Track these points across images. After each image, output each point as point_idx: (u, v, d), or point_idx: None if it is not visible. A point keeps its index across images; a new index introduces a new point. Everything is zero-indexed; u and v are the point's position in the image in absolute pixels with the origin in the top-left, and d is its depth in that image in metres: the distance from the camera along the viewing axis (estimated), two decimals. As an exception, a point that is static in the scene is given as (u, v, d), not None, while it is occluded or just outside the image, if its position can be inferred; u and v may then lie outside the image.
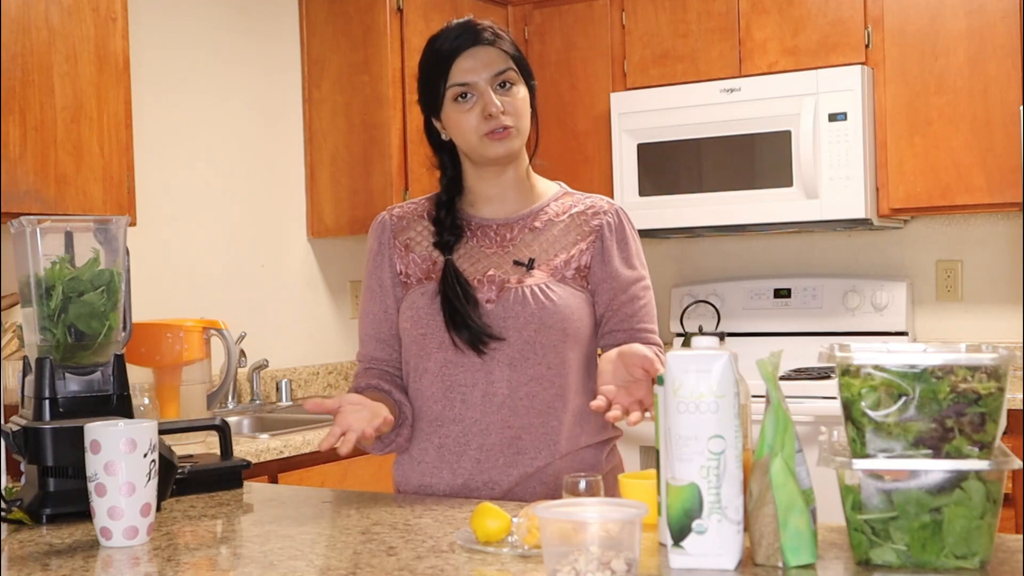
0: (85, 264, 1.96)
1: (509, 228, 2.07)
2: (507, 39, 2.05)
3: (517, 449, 1.99)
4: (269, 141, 3.93)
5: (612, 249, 2.04)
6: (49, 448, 1.86)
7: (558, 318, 1.98)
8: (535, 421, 1.99)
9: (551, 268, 2.02)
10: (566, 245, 2.04)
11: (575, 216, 2.07)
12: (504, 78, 2.01)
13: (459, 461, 2.01)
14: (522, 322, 1.97)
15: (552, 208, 2.08)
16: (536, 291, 1.99)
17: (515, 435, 1.99)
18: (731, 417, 1.40)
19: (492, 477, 2.00)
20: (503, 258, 2.04)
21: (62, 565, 1.58)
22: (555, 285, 2.00)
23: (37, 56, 2.80)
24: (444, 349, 2.00)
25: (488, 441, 1.99)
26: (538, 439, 2.00)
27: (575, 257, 2.03)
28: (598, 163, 4.26)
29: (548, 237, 2.05)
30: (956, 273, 4.04)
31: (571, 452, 2.02)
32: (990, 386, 1.36)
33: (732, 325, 4.27)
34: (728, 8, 4.01)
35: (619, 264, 2.04)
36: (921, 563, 1.38)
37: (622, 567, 1.28)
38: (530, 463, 1.99)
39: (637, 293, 2.05)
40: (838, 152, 3.76)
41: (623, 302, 2.03)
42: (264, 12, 3.92)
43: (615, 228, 2.06)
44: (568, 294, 2.01)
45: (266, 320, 3.86)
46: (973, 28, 3.66)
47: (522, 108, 2.02)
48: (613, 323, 2.04)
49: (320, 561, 1.56)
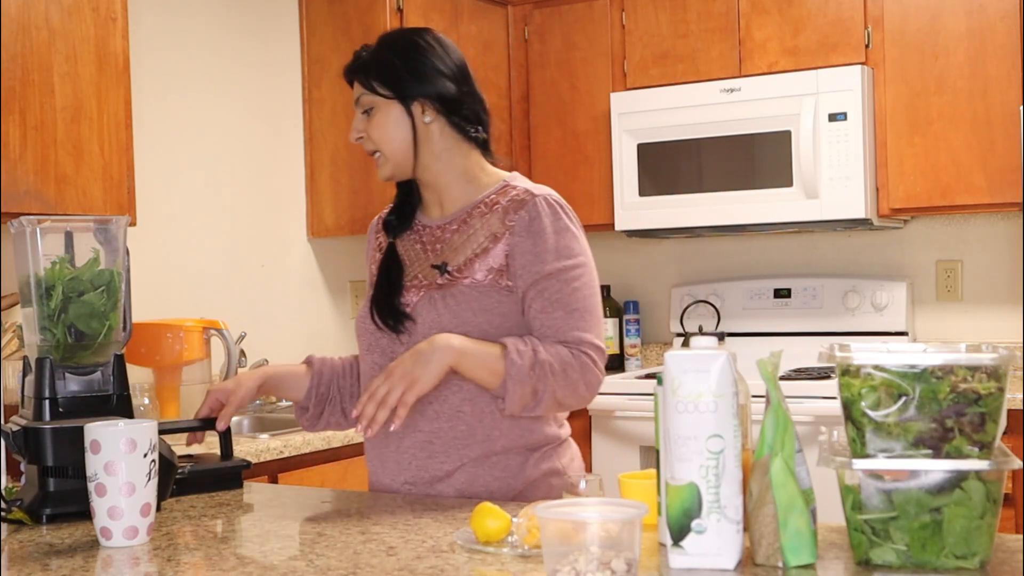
0: (85, 264, 1.96)
1: (442, 230, 2.07)
2: (366, 59, 2.05)
3: (429, 453, 1.99)
4: (269, 141, 3.93)
5: (525, 244, 1.97)
6: (49, 448, 1.86)
7: (459, 321, 1.95)
8: (444, 425, 1.98)
9: (464, 270, 2.00)
10: (483, 244, 2.00)
11: (498, 212, 2.01)
12: (362, 104, 2.05)
13: (387, 460, 2.04)
14: (428, 325, 1.97)
15: (483, 206, 2.04)
16: (445, 295, 1.98)
17: (426, 439, 1.99)
18: (730, 417, 1.40)
19: (408, 478, 2.01)
20: (426, 262, 2.05)
21: (62, 565, 1.58)
22: (463, 290, 1.97)
23: (37, 56, 2.80)
24: (370, 334, 2.06)
25: (404, 443, 2.01)
26: (448, 443, 1.98)
27: (492, 256, 1.98)
28: (598, 163, 4.26)
29: (468, 237, 2.02)
30: (956, 273, 4.04)
31: (484, 457, 1.98)
32: (990, 386, 1.36)
33: (732, 325, 4.27)
34: (728, 8, 4.01)
35: (531, 260, 1.96)
36: (921, 563, 1.38)
37: (622, 567, 1.28)
38: (439, 467, 1.99)
39: (548, 289, 1.95)
40: (838, 152, 3.76)
41: (532, 298, 1.96)
42: (264, 12, 3.92)
43: (529, 222, 1.98)
44: (473, 299, 1.97)
45: (266, 320, 3.86)
46: (973, 28, 3.66)
47: (379, 132, 2.03)
48: (535, 327, 1.97)
49: (320, 561, 1.56)
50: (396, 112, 2.02)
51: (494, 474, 1.99)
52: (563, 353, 1.92)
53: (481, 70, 4.20)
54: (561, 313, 1.95)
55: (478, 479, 1.98)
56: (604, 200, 4.23)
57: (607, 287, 4.54)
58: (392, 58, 2.03)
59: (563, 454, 2.07)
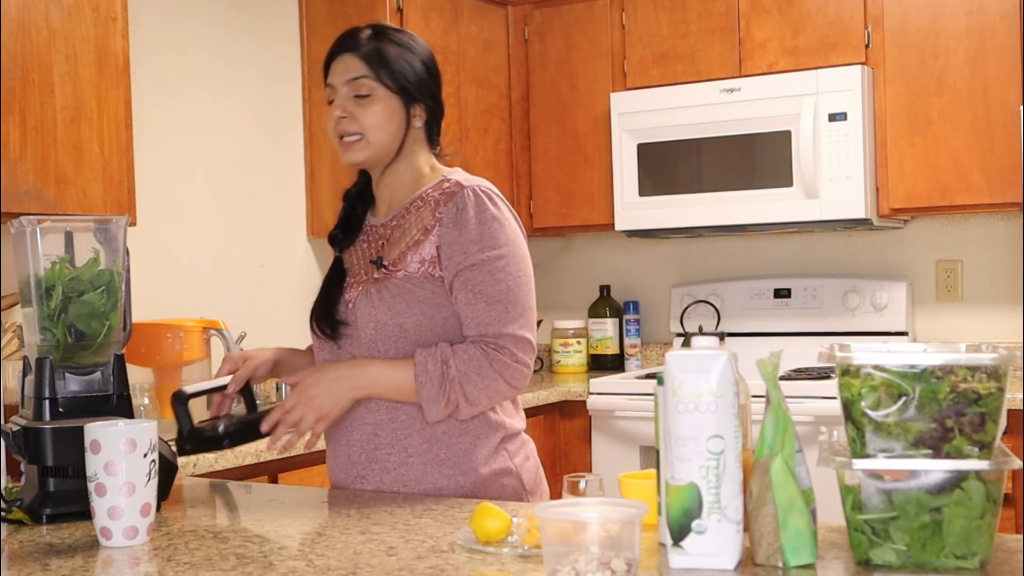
0: (85, 264, 1.96)
1: (384, 227, 2.10)
2: (370, 46, 2.05)
3: (375, 445, 2.02)
4: (269, 141, 3.93)
5: (451, 235, 1.99)
6: (49, 448, 1.86)
7: (393, 314, 1.99)
8: (384, 418, 2.01)
9: (398, 263, 2.03)
10: (415, 237, 2.03)
11: (429, 205, 2.04)
12: (357, 85, 2.04)
13: (338, 455, 2.08)
14: (365, 319, 2.01)
15: (419, 201, 2.07)
16: (380, 289, 2.01)
17: (371, 431, 2.03)
18: (730, 417, 1.40)
19: (359, 472, 2.04)
20: (366, 259, 2.09)
21: (62, 565, 1.58)
22: (396, 283, 2.00)
23: (37, 56, 2.80)
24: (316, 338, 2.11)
25: (352, 436, 2.05)
26: (391, 436, 2.01)
27: (421, 248, 2.01)
28: (598, 163, 4.26)
29: (403, 232, 2.06)
30: (956, 273, 4.04)
31: (428, 451, 2.00)
32: (990, 386, 1.36)
33: (732, 325, 4.27)
34: (728, 8, 4.01)
35: (455, 251, 1.98)
36: (921, 563, 1.38)
37: (622, 567, 1.28)
38: (385, 458, 2.01)
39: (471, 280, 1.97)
40: (838, 152, 3.76)
41: (457, 290, 1.98)
42: (264, 12, 3.92)
43: (456, 214, 1.99)
44: (407, 291, 1.99)
45: (266, 320, 3.86)
46: (973, 28, 3.66)
47: (372, 119, 2.03)
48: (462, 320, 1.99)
49: (320, 561, 1.56)
50: (395, 107, 2.05)
51: (443, 472, 2.00)
52: (475, 356, 1.94)
53: (481, 70, 4.21)
54: (483, 305, 1.97)
55: (426, 477, 2.00)
56: (604, 200, 4.23)
57: (607, 287, 4.54)
58: (413, 60, 2.07)
59: (516, 452, 2.07)
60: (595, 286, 4.59)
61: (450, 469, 2.00)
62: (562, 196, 4.32)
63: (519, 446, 2.08)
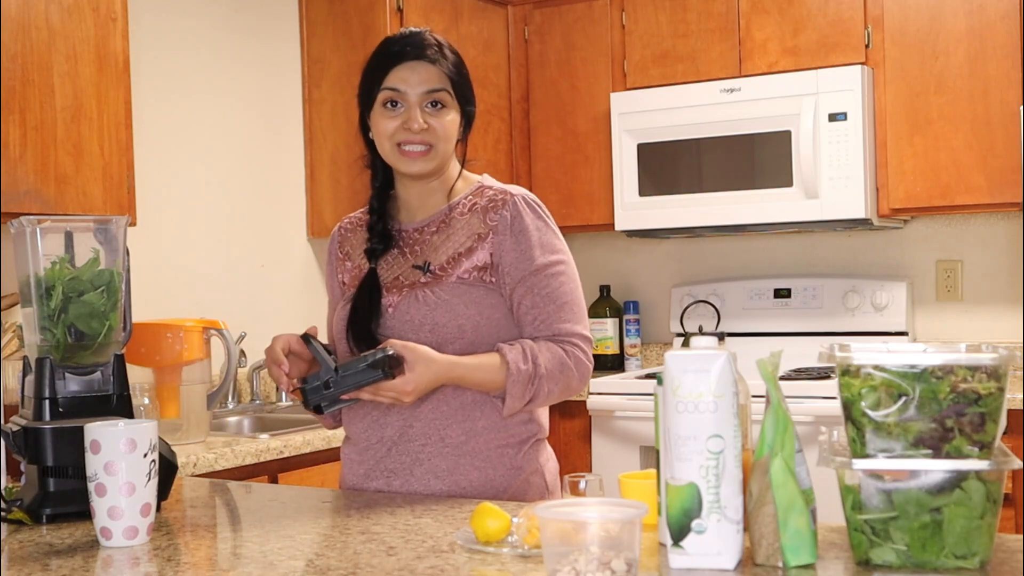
0: (85, 264, 1.96)
1: (420, 232, 2.11)
2: (450, 61, 2.08)
3: (408, 437, 2.03)
4: (269, 141, 3.93)
5: (507, 243, 2.03)
6: (49, 448, 1.86)
7: (453, 314, 2.01)
8: (425, 408, 2.02)
9: (448, 268, 2.04)
10: (465, 243, 2.05)
11: (477, 212, 2.07)
12: (436, 97, 2.06)
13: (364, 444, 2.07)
14: (416, 324, 2.02)
15: (461, 207, 2.10)
16: (428, 293, 2.02)
17: (406, 423, 2.03)
18: (730, 417, 1.40)
19: (384, 465, 2.04)
20: (405, 264, 2.09)
21: (62, 565, 1.58)
22: (450, 286, 2.02)
23: (37, 56, 2.80)
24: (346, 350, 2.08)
25: (386, 434, 2.04)
26: (427, 427, 2.02)
27: (475, 255, 2.04)
28: (598, 163, 4.26)
29: (449, 237, 2.07)
30: (956, 273, 4.04)
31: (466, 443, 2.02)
32: (990, 386, 1.36)
33: (732, 325, 4.27)
34: (728, 8, 4.01)
35: (517, 257, 2.03)
36: (921, 563, 1.38)
37: (622, 567, 1.28)
38: (419, 449, 2.03)
39: (536, 284, 2.02)
40: (838, 152, 3.76)
41: (522, 295, 2.02)
42: (264, 12, 3.92)
43: (511, 221, 2.04)
44: (463, 293, 2.02)
45: (266, 320, 3.86)
46: (973, 28, 3.66)
47: (447, 131, 2.06)
48: (526, 321, 2.04)
49: (320, 561, 1.56)
50: (456, 118, 2.09)
51: (475, 463, 2.01)
52: (558, 354, 2.01)
53: (481, 70, 4.20)
54: (552, 307, 2.03)
55: (459, 468, 2.01)
56: (604, 200, 4.23)
57: (607, 287, 4.54)
58: (467, 75, 2.12)
59: (542, 451, 2.13)
60: (595, 286, 4.59)
61: (483, 462, 2.02)
62: (562, 196, 4.32)
63: (544, 446, 2.14)
